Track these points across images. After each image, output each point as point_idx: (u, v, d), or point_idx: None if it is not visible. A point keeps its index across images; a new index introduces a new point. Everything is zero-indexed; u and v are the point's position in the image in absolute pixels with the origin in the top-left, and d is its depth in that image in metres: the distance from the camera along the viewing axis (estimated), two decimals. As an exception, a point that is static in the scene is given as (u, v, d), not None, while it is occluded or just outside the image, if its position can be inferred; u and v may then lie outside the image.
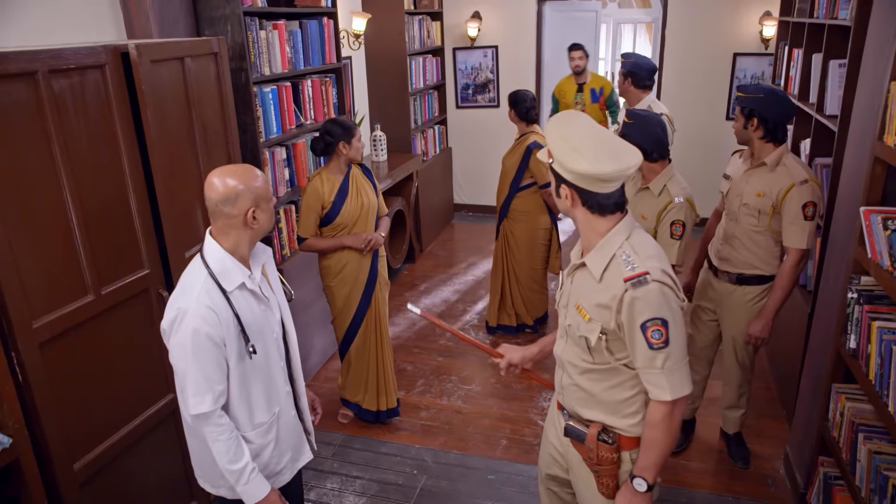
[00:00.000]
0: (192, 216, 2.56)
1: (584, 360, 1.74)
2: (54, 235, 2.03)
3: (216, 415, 1.76)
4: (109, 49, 2.17)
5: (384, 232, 3.22)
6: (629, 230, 1.67)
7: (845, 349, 2.31)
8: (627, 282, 1.59)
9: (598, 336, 1.67)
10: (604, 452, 1.74)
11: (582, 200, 1.65)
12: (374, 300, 3.24)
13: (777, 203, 2.61)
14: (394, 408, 3.43)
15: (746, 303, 2.78)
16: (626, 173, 1.59)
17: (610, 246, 1.65)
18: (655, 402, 1.65)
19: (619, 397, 1.73)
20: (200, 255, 1.79)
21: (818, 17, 3.39)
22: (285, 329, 1.99)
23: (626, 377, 1.71)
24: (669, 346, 1.59)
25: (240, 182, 1.73)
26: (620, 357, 1.69)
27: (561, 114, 1.75)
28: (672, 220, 2.59)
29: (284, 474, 2.01)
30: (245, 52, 3.13)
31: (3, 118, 1.84)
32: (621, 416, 1.74)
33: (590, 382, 1.76)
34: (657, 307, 1.58)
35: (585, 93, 5.49)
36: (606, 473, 1.76)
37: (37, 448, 1.99)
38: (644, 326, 1.58)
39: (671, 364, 1.61)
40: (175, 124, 2.45)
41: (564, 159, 1.60)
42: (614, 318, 1.63)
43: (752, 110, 2.58)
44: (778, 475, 3.01)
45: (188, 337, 1.69)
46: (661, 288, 1.59)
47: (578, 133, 1.63)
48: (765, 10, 5.54)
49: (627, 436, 1.75)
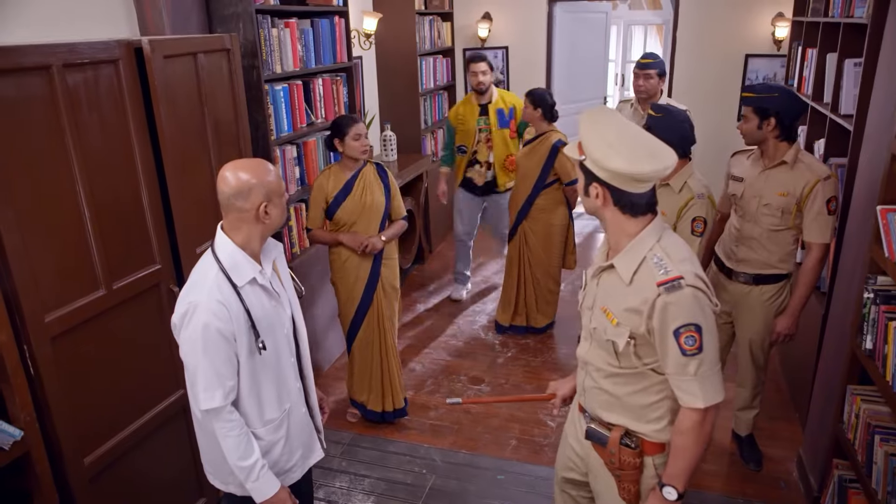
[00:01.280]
0: (204, 212, 2.56)
1: (610, 363, 1.70)
2: (67, 229, 2.03)
3: (226, 410, 1.75)
4: (123, 44, 2.18)
5: (388, 237, 3.16)
6: (660, 232, 1.63)
7: (861, 350, 2.28)
8: (661, 286, 1.54)
9: (626, 340, 1.62)
10: (626, 457, 1.70)
11: (614, 200, 1.60)
12: (376, 301, 3.22)
13: (801, 200, 2.59)
14: (401, 409, 3.41)
15: (764, 302, 2.77)
16: (662, 173, 1.55)
17: (640, 248, 1.61)
18: (687, 409, 1.60)
19: (644, 402, 1.69)
20: (212, 250, 1.78)
21: (833, 16, 3.36)
22: (296, 325, 1.98)
23: (652, 382, 1.66)
24: (703, 352, 1.55)
25: (252, 176, 1.72)
26: (648, 362, 1.64)
27: (595, 109, 1.69)
28: (693, 216, 2.57)
29: (295, 472, 2.00)
30: (257, 50, 3.13)
31: (18, 111, 1.85)
32: (645, 422, 1.70)
33: (614, 386, 1.71)
34: (691, 313, 1.53)
35: (491, 115, 4.41)
36: (629, 478, 1.72)
37: (48, 442, 1.99)
38: (677, 332, 1.54)
39: (704, 370, 1.56)
40: (187, 120, 2.46)
41: (599, 156, 1.55)
42: (645, 322, 1.58)
43: (768, 110, 2.55)
44: (791, 478, 2.97)
45: (199, 332, 1.68)
46: (695, 293, 1.55)
47: (614, 129, 1.59)
48: (777, 11, 5.51)
49: (651, 441, 1.71)
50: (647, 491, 1.74)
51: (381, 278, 3.20)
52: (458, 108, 4.57)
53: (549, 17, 6.22)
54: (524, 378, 3.86)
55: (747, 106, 2.61)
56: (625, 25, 8.96)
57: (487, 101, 4.44)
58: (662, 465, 1.72)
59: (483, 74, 4.31)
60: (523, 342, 4.31)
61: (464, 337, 4.40)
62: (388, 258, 3.23)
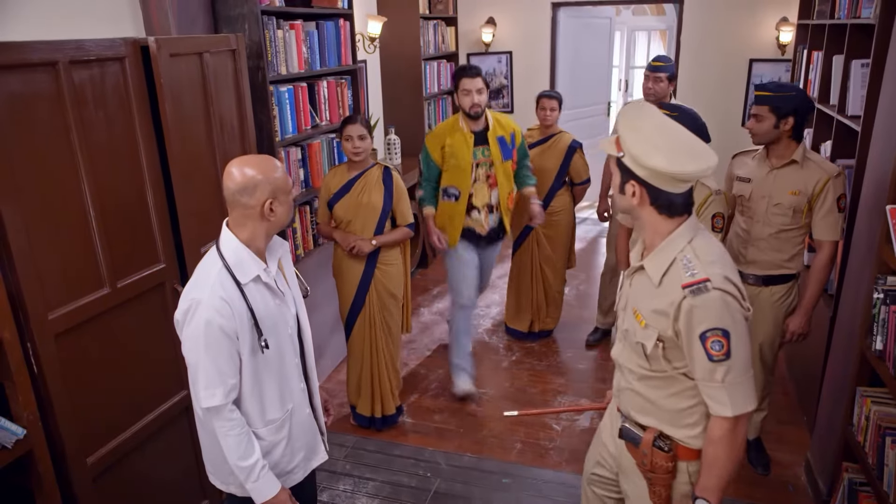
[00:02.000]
0: (209, 211, 2.55)
1: (641, 366, 1.67)
2: (71, 226, 2.02)
3: (227, 409, 1.73)
4: (129, 42, 2.18)
5: (380, 241, 3.10)
6: (693, 233, 1.58)
7: (871, 351, 2.26)
8: (686, 289, 1.51)
9: (654, 343, 1.59)
10: (658, 460, 1.65)
11: (651, 199, 1.56)
12: (367, 305, 3.20)
13: (812, 198, 2.59)
14: (390, 415, 3.39)
15: (774, 303, 2.76)
16: (705, 174, 1.51)
17: (671, 249, 1.57)
18: (716, 417, 1.56)
19: (678, 406, 1.64)
20: (216, 247, 1.77)
21: (839, 18, 3.35)
22: (300, 325, 1.96)
23: (685, 386, 1.62)
24: (731, 358, 1.49)
25: (258, 172, 1.71)
26: (678, 366, 1.60)
27: (634, 103, 1.65)
28: (713, 212, 2.56)
29: (296, 473, 1.97)
30: (262, 51, 3.14)
31: (24, 107, 1.84)
32: (680, 427, 1.65)
33: (648, 389, 1.68)
34: (718, 317, 1.49)
35: (492, 145, 3.43)
36: (660, 482, 1.67)
37: (50, 441, 1.98)
38: (703, 337, 1.49)
39: (732, 378, 1.51)
40: (193, 119, 2.46)
41: (639, 154, 1.51)
42: (671, 325, 1.54)
43: (786, 108, 2.54)
44: (799, 482, 2.94)
45: (201, 328, 1.67)
46: (723, 296, 1.50)
47: (655, 126, 1.55)
48: (781, 15, 5.51)
49: (686, 447, 1.65)
50: (679, 497, 1.69)
51: (374, 282, 3.18)
52: (443, 138, 3.44)
53: (552, 22, 6.23)
54: (529, 382, 3.84)
55: (762, 105, 2.57)
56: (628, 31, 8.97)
57: (484, 127, 3.45)
58: (696, 472, 1.66)
59: (479, 94, 3.32)
60: (528, 345, 4.29)
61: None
62: (386, 263, 3.18)
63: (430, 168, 3.52)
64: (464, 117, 3.44)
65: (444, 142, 3.44)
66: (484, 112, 3.42)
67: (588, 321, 4.53)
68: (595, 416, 3.48)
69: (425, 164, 3.53)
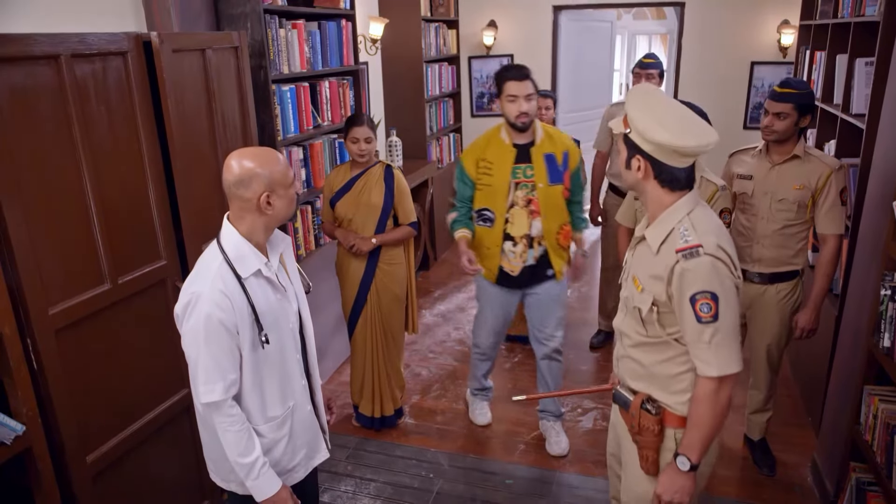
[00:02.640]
0: (210, 209, 2.53)
1: (638, 332, 1.75)
2: (72, 221, 2.01)
3: (227, 405, 1.70)
4: (132, 36, 2.17)
5: (380, 240, 3.07)
6: (692, 205, 1.66)
7: (878, 349, 2.24)
8: (679, 253, 1.59)
9: (649, 307, 1.67)
10: (645, 422, 1.74)
11: (655, 173, 1.65)
12: (370, 304, 3.18)
13: (816, 191, 2.60)
14: (389, 416, 3.37)
15: (780, 301, 2.75)
16: (706, 149, 1.60)
17: (671, 219, 1.65)
18: (701, 377, 1.64)
19: (670, 372, 1.72)
20: (217, 240, 1.75)
21: (843, 17, 3.35)
22: (302, 321, 1.94)
23: (677, 352, 1.70)
24: (718, 321, 1.57)
25: (256, 165, 1.67)
26: (672, 332, 1.68)
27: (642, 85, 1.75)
28: (721, 208, 2.57)
29: (298, 472, 1.94)
30: (264, 50, 3.13)
31: (26, 101, 1.83)
32: (669, 392, 1.73)
33: (642, 355, 1.76)
34: (707, 280, 1.57)
35: (536, 162, 2.83)
36: (647, 445, 1.74)
37: (50, 438, 1.95)
38: (693, 299, 1.58)
39: (719, 339, 1.59)
40: (195, 116, 2.44)
41: (644, 128, 1.60)
42: (665, 289, 1.63)
43: (809, 106, 2.57)
44: (805, 483, 2.91)
45: (201, 322, 1.64)
46: (714, 262, 1.58)
47: (661, 104, 1.64)
48: (783, 18, 5.51)
49: (674, 413, 1.73)
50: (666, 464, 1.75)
51: (376, 282, 3.16)
52: (481, 151, 2.90)
53: (554, 25, 6.23)
54: (531, 383, 3.81)
55: (786, 103, 2.56)
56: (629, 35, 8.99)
57: (530, 140, 2.85)
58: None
59: (527, 101, 2.73)
60: (529, 348, 4.25)
61: (470, 343, 4.33)
62: (388, 263, 3.15)
63: (465, 186, 2.95)
64: (507, 127, 2.84)
65: (482, 154, 2.89)
66: (533, 123, 2.83)
67: (590, 323, 4.51)
68: (598, 417, 3.45)
69: (460, 180, 2.97)
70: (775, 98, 2.58)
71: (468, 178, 2.92)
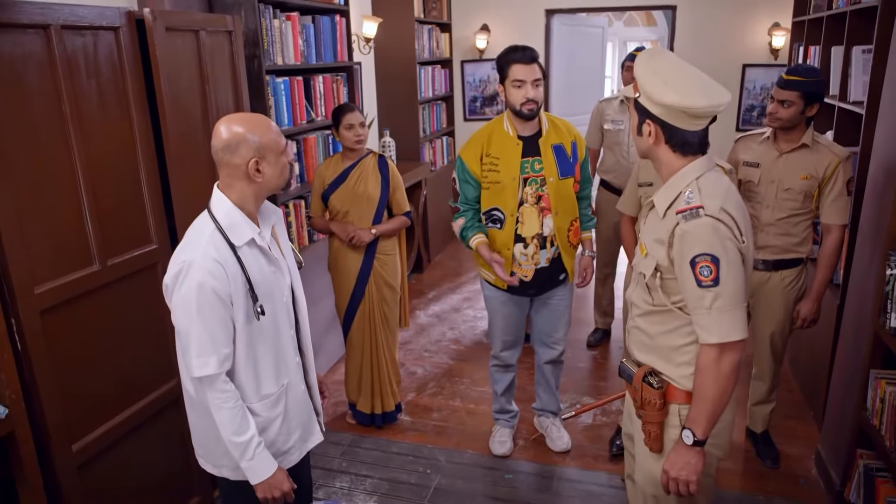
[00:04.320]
0: (204, 194, 2.43)
1: (645, 300, 1.71)
2: (61, 198, 1.94)
3: (221, 380, 1.63)
4: (124, 12, 2.12)
5: (379, 230, 3.03)
6: (703, 170, 1.61)
7: (885, 330, 2.20)
8: (679, 214, 1.55)
9: (653, 272, 1.63)
10: (648, 395, 1.68)
11: (666, 137, 1.60)
12: (367, 297, 3.12)
13: (823, 181, 2.56)
14: (390, 412, 3.30)
15: (784, 288, 2.71)
16: (716, 110, 1.55)
17: (679, 183, 1.61)
18: (703, 345, 1.58)
19: (674, 343, 1.67)
20: (208, 209, 1.68)
21: (838, 7, 3.36)
22: (295, 295, 1.87)
23: (682, 322, 1.64)
24: (720, 285, 1.51)
25: (246, 130, 1.61)
26: (675, 300, 1.63)
27: (651, 49, 1.69)
28: None
29: (293, 454, 1.87)
30: (258, 39, 3.09)
31: (13, 70, 1.77)
32: (674, 365, 1.68)
33: (648, 324, 1.72)
34: (708, 243, 1.51)
35: (545, 155, 2.60)
36: (650, 419, 1.69)
37: (34, 424, 1.87)
38: (693, 262, 1.52)
39: (720, 304, 1.52)
40: (188, 97, 2.39)
41: (653, 91, 1.56)
42: (667, 253, 1.58)
43: (816, 94, 2.51)
44: (810, 475, 2.86)
45: (193, 292, 1.57)
46: (715, 224, 1.52)
47: (670, 66, 1.60)
48: (774, 21, 5.56)
49: (678, 388, 1.67)
50: (670, 442, 1.69)
51: (373, 274, 3.10)
52: (483, 145, 2.63)
53: (546, 29, 6.25)
54: (528, 380, 3.74)
55: (792, 90, 2.50)
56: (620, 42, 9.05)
57: (536, 131, 2.63)
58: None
59: (535, 86, 2.50)
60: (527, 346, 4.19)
61: (466, 342, 4.29)
62: (384, 253, 3.12)
63: (470, 186, 2.66)
64: (511, 118, 2.60)
65: (486, 149, 2.62)
66: (539, 112, 2.59)
67: (586, 322, 4.46)
68: (598, 412, 3.40)
69: (463, 180, 2.66)
70: (781, 85, 2.53)
71: (472, 177, 2.64)
